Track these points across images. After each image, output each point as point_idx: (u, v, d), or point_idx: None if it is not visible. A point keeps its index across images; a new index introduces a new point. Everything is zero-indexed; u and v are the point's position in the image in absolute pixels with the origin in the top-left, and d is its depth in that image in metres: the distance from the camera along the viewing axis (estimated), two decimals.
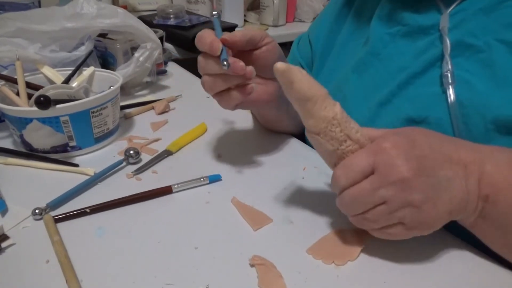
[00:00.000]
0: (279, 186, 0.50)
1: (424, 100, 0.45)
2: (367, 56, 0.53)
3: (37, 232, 0.42)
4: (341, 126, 0.37)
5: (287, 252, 0.40)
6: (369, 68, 0.53)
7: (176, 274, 0.37)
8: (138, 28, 0.72)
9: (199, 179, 0.50)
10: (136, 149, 0.54)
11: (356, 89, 0.54)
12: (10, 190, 0.49)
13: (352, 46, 0.58)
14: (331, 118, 0.36)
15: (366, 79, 0.53)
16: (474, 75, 0.42)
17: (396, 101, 0.48)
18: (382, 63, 0.51)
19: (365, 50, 0.54)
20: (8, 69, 0.64)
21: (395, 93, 0.48)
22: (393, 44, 0.51)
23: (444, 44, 0.45)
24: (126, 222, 0.44)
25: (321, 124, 0.37)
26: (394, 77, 0.49)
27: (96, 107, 0.55)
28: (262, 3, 1.44)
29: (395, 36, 0.51)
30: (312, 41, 0.67)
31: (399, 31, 0.50)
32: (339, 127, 0.37)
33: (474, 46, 0.43)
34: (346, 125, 0.37)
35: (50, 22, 0.68)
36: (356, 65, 0.54)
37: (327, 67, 0.62)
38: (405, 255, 0.39)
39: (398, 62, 0.49)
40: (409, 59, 0.48)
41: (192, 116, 0.69)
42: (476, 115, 0.41)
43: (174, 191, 0.48)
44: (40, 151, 0.55)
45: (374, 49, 0.52)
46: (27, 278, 0.36)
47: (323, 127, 0.37)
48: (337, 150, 0.37)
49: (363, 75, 0.53)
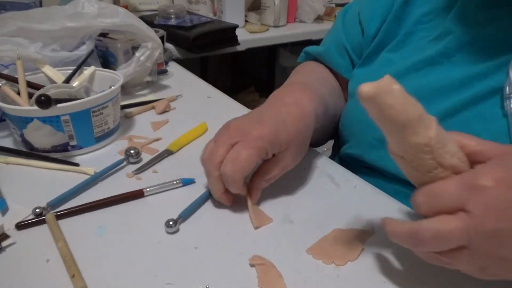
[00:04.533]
0: (279, 186, 0.50)
1: (499, 124, 0.37)
2: (437, 56, 0.45)
3: (38, 231, 0.42)
4: (433, 153, 0.30)
5: (287, 252, 0.40)
6: (437, 70, 0.45)
7: (176, 274, 0.37)
8: (139, 28, 0.72)
9: (171, 182, 0.49)
10: (137, 149, 0.54)
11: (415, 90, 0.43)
12: (10, 189, 0.49)
13: (419, 37, 0.49)
14: (423, 145, 0.30)
15: (431, 81, 0.45)
16: None
17: (465, 115, 0.40)
18: (455, 67, 0.43)
19: (437, 48, 0.46)
20: (9, 68, 0.64)
21: (465, 106, 0.40)
22: (471, 48, 0.42)
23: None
24: (127, 221, 0.44)
25: (409, 150, 0.31)
26: (467, 85, 0.41)
27: (97, 107, 0.55)
28: (263, 3, 1.44)
29: (478, 38, 0.42)
30: (364, 25, 0.57)
31: (483, 33, 0.42)
32: (431, 155, 0.30)
33: None
34: (440, 152, 0.30)
35: (51, 21, 0.68)
36: (421, 64, 0.46)
37: (381, 58, 0.53)
38: (405, 255, 0.39)
39: (476, 69, 0.41)
40: (490, 68, 0.40)
41: (193, 115, 0.69)
42: None
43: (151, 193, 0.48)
44: (41, 151, 0.55)
45: (447, 49, 0.44)
46: (27, 278, 0.36)
47: (410, 154, 0.31)
48: (423, 176, 0.31)
49: (427, 76, 0.45)
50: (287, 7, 1.46)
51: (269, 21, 1.44)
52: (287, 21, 1.49)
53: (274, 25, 1.44)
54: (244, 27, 1.41)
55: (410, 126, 0.29)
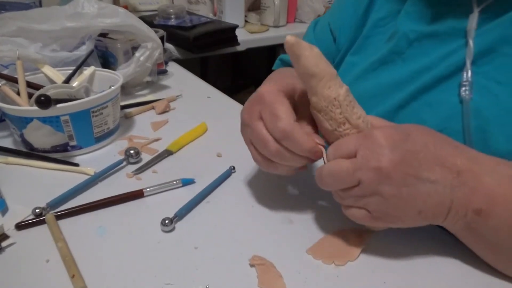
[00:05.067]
0: (279, 186, 0.50)
1: (445, 109, 0.42)
2: (389, 54, 0.49)
3: (37, 231, 0.42)
4: (341, 108, 0.37)
5: (287, 252, 0.40)
6: (390, 67, 0.49)
7: (176, 274, 0.37)
8: (138, 28, 0.72)
9: (171, 182, 0.49)
10: (137, 149, 0.54)
11: (373, 88, 0.50)
12: (10, 189, 0.49)
13: (375, 40, 0.54)
14: (332, 99, 0.37)
15: (386, 78, 0.49)
16: (503, 86, 0.38)
17: (415, 105, 0.45)
18: (405, 63, 0.48)
19: (388, 47, 0.50)
20: (8, 68, 0.64)
21: (414, 96, 0.45)
22: (418, 44, 0.47)
23: (467, 50, 0.40)
24: (126, 221, 0.44)
25: (323, 103, 0.37)
26: (416, 78, 0.45)
27: (97, 107, 0.55)
28: (263, 3, 1.44)
29: (422, 35, 0.46)
30: (335, 31, 0.61)
31: (426, 30, 0.46)
32: (339, 109, 0.37)
33: (507, 54, 0.39)
34: (348, 109, 0.37)
35: (51, 21, 0.68)
36: (376, 63, 0.51)
37: (346, 62, 0.58)
38: (405, 255, 0.39)
39: (422, 63, 0.45)
40: (435, 61, 0.44)
41: (193, 116, 0.69)
42: (498, 132, 0.38)
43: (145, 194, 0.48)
44: (41, 151, 0.55)
45: (397, 47, 0.49)
46: (27, 278, 0.36)
47: (324, 106, 0.37)
48: (335, 131, 0.38)
49: (383, 74, 0.50)
50: (287, 7, 1.46)
51: (269, 21, 1.44)
52: (287, 21, 1.49)
53: (274, 25, 1.44)
54: (244, 27, 1.41)
55: (322, 79, 0.36)
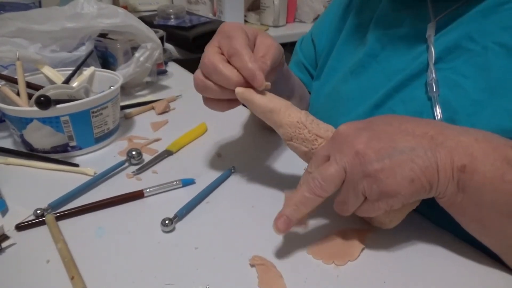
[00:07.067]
0: (279, 186, 0.50)
1: (417, 104, 0.45)
2: (365, 57, 0.53)
3: (37, 232, 0.42)
4: (307, 127, 0.40)
5: (287, 252, 0.40)
6: (367, 70, 0.53)
7: (176, 274, 0.37)
8: (138, 28, 0.72)
9: (171, 183, 0.49)
10: (139, 150, 0.54)
11: (352, 91, 0.53)
12: (10, 190, 0.49)
13: (352, 46, 0.58)
14: (296, 122, 0.40)
15: (363, 81, 0.52)
16: (469, 79, 0.41)
17: (390, 103, 0.47)
18: (380, 65, 0.51)
19: (364, 51, 0.53)
20: (8, 69, 0.64)
21: (390, 95, 0.48)
22: (391, 47, 0.50)
23: (429, 53, 0.44)
24: (126, 222, 0.44)
25: (289, 129, 0.40)
26: (391, 78, 0.48)
27: (96, 107, 0.55)
28: (262, 3, 1.44)
29: (394, 38, 0.50)
30: (315, 40, 0.67)
31: (397, 33, 0.50)
32: (306, 129, 0.39)
33: (471, 49, 0.42)
34: (313, 126, 0.40)
35: (51, 22, 0.68)
36: (354, 67, 0.54)
37: (328, 67, 0.62)
38: (405, 255, 0.39)
39: (396, 64, 0.49)
40: (407, 61, 0.48)
41: (192, 116, 0.69)
42: (466, 122, 0.40)
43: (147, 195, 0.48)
44: (41, 151, 0.55)
45: (372, 50, 0.52)
46: (27, 279, 0.36)
47: (292, 132, 0.40)
48: (311, 150, 0.40)
49: (361, 76, 0.53)
50: (286, 7, 1.46)
51: (268, 21, 1.44)
52: (287, 21, 1.49)
53: (274, 25, 1.44)
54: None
55: (280, 111, 0.40)
